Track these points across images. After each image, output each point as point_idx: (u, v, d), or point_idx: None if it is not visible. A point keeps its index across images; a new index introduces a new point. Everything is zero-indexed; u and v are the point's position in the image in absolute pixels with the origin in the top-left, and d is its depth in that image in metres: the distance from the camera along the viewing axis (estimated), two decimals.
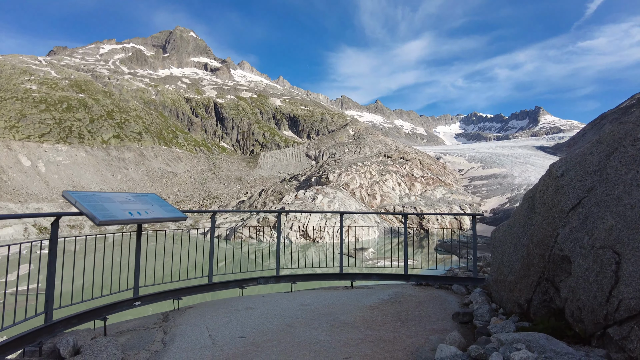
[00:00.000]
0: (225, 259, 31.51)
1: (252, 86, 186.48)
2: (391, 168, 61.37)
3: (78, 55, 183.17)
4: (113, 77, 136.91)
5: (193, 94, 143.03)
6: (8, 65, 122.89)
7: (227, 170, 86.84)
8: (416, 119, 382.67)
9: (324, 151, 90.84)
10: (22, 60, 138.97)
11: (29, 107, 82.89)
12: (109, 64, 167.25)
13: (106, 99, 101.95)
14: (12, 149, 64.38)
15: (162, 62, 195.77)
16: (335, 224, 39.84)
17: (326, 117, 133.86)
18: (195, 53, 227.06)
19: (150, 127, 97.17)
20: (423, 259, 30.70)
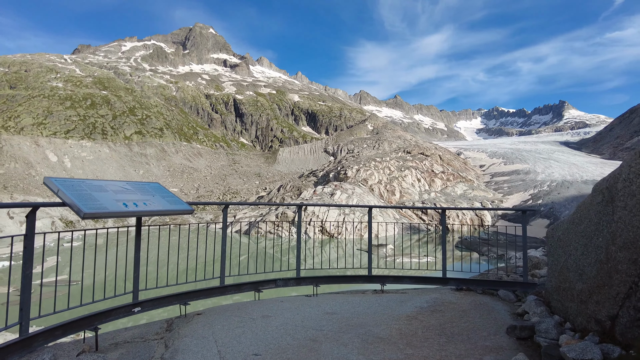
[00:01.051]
0: (239, 256, 31.17)
1: (271, 82, 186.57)
2: (410, 164, 60.21)
3: (101, 53, 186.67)
4: (135, 74, 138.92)
5: (213, 90, 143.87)
6: (36, 64, 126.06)
7: (246, 166, 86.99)
8: (436, 113, 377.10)
9: (343, 147, 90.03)
10: (49, 58, 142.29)
11: (55, 104, 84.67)
12: (131, 61, 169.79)
13: (128, 95, 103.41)
14: (40, 145, 65.77)
15: (182, 58, 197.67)
16: (354, 220, 39.18)
17: (344, 113, 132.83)
18: (214, 49, 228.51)
19: (171, 123, 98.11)
20: (445, 258, 29.84)
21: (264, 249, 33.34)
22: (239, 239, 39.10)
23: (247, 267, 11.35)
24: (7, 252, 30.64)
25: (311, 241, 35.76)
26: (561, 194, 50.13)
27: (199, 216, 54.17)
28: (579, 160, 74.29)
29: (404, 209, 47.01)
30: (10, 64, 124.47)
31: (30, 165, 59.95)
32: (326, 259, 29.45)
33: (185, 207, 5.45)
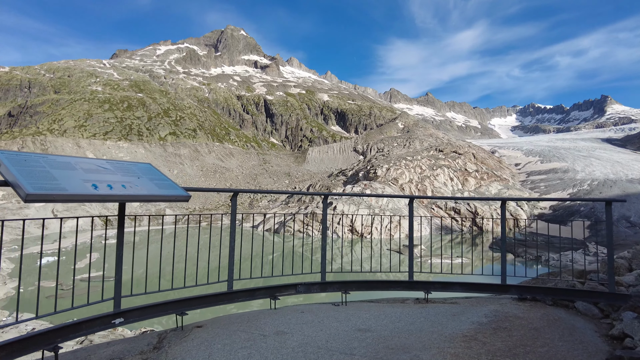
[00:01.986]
0: (262, 255, 31.51)
1: (301, 82, 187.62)
2: (443, 162, 59.11)
3: (137, 57, 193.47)
4: (169, 77, 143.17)
5: (244, 92, 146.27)
6: (77, 69, 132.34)
7: (277, 166, 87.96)
8: (469, 111, 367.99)
9: (372, 146, 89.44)
10: (89, 64, 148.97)
11: (95, 107, 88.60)
12: (165, 64, 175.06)
13: (163, 97, 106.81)
14: (80, 147, 69.00)
15: (215, 61, 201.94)
16: (383, 220, 38.88)
17: (374, 111, 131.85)
18: (245, 51, 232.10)
19: (204, 124, 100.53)
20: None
21: (289, 247, 33.66)
22: (272, 238, 39.64)
23: (262, 268, 9.73)
24: (51, 248, 32.41)
25: (340, 241, 35.80)
26: (603, 194, 47.89)
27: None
28: (623, 157, 70.64)
29: (437, 208, 46.25)
30: (55, 70, 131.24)
31: None
32: (356, 259, 29.42)
33: (179, 193, 4.28)
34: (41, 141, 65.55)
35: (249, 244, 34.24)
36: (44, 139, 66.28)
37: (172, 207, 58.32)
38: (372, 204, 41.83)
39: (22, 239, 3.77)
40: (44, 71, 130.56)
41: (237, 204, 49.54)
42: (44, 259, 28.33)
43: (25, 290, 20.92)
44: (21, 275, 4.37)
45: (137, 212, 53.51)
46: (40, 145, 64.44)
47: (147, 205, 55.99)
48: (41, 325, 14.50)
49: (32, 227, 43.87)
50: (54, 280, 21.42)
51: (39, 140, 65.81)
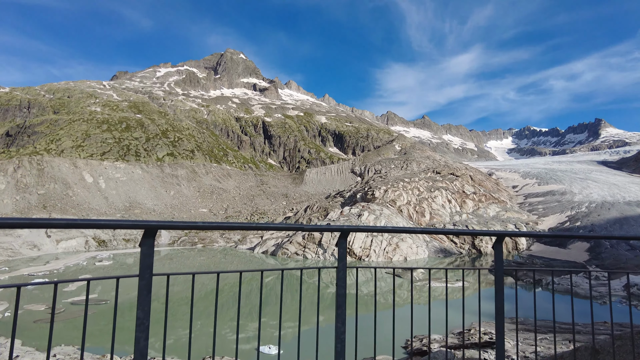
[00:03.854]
0: (256, 288, 31.00)
1: (299, 104, 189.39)
2: (440, 184, 59.05)
3: (137, 79, 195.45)
4: (168, 98, 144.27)
5: (243, 113, 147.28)
6: (77, 90, 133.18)
7: (274, 187, 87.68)
8: (466, 133, 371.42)
9: (370, 167, 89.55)
10: (89, 85, 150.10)
11: (93, 127, 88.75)
12: (165, 86, 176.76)
13: (161, 118, 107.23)
14: (77, 167, 68.71)
15: (214, 83, 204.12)
16: (382, 242, 38.46)
17: (371, 133, 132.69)
18: (244, 74, 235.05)
19: (202, 145, 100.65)
20: None
21: (276, 277, 32.93)
22: (269, 261, 39.04)
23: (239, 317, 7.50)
24: (43, 270, 31.68)
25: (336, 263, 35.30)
26: (602, 216, 47.71)
27: (227, 236, 54.66)
28: (620, 180, 70.87)
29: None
30: (55, 90, 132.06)
31: (68, 186, 62.54)
32: (351, 283, 28.91)
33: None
34: (37, 161, 65.27)
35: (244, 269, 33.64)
36: (40, 159, 66.02)
37: (168, 229, 57.63)
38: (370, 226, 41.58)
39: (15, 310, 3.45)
40: (44, 92, 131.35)
41: None
42: (33, 280, 27.64)
43: (12, 314, 20.31)
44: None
45: (131, 233, 52.89)
46: (37, 165, 64.14)
47: None
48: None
49: (23, 249, 43.11)
50: (44, 303, 20.63)
51: (36, 160, 65.54)
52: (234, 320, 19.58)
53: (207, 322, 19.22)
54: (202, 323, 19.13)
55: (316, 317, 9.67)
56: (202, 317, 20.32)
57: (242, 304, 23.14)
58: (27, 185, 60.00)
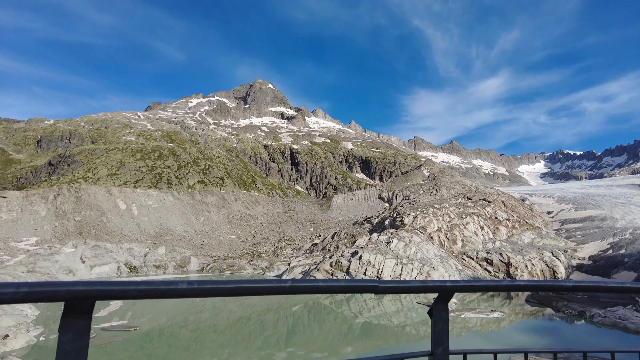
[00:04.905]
0: (279, 318, 30.62)
1: (325, 131, 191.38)
2: (472, 210, 57.51)
3: (170, 109, 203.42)
4: (199, 128, 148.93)
5: (270, 141, 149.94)
6: (114, 121, 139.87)
7: (301, 213, 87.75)
8: (496, 158, 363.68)
9: (398, 193, 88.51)
10: (125, 116, 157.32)
11: (128, 156, 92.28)
12: (196, 116, 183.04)
13: (193, 147, 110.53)
14: (112, 194, 71.15)
15: (243, 112, 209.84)
16: (413, 270, 37.44)
17: (399, 159, 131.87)
18: (272, 103, 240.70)
19: (232, 172, 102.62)
20: (513, 311, 27.26)
21: (309, 305, 32.42)
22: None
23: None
24: None
25: None
26: None
27: (254, 263, 54.65)
28: None
29: (467, 259, 44.37)
30: (94, 122, 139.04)
31: (103, 213, 64.64)
32: (383, 313, 28.01)
33: None
34: (75, 189, 68.03)
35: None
36: (78, 187, 68.81)
37: (198, 256, 58.33)
38: (399, 253, 40.50)
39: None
40: (84, 123, 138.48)
41: (261, 252, 48.78)
42: None
43: (47, 338, 20.64)
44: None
45: (162, 259, 53.74)
46: (75, 193, 66.81)
47: (173, 253, 56.22)
48: None
49: (60, 273, 44.42)
50: None
51: (74, 187, 68.35)
52: (261, 349, 19.24)
53: (236, 350, 18.97)
54: (229, 352, 18.88)
55: (347, 348, 9.32)
56: (230, 346, 20.08)
57: (270, 333, 22.80)
58: (65, 212, 62.43)
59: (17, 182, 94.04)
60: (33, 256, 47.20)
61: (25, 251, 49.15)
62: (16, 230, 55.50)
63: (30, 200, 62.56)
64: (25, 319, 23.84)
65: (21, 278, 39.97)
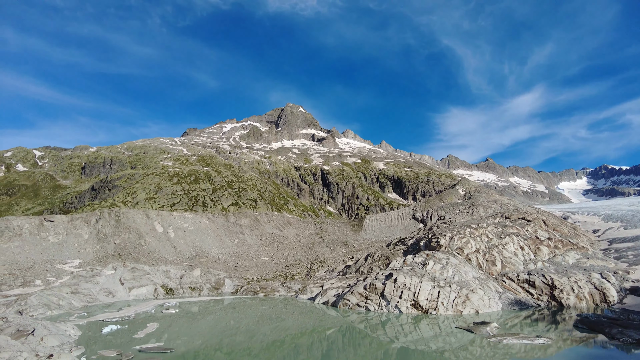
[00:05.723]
0: (318, 341, 29.99)
1: (356, 152, 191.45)
2: (511, 230, 55.34)
3: (205, 135, 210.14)
4: (233, 152, 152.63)
5: (302, 163, 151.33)
6: (152, 147, 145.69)
7: (333, 234, 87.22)
8: (534, 175, 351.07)
9: (432, 213, 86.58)
10: (163, 142, 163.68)
11: (165, 180, 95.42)
12: (230, 140, 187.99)
13: (227, 170, 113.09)
14: (149, 217, 73.37)
15: (275, 136, 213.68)
16: (451, 294, 36.09)
17: (432, 178, 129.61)
18: (303, 126, 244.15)
19: (264, 194, 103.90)
20: (560, 337, 25.58)
21: (344, 330, 31.73)
22: (330, 312, 38.02)
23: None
24: (116, 317, 33.19)
25: (403, 317, 33.44)
26: None
27: (287, 285, 54.41)
28: None
29: (508, 280, 42.42)
30: (133, 148, 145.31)
31: (141, 236, 66.59)
32: (420, 338, 26.98)
33: None
34: (116, 212, 70.66)
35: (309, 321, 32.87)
36: (118, 211, 71.46)
37: (232, 278, 58.77)
38: (436, 275, 39.22)
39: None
40: (124, 149, 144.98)
41: (294, 274, 48.84)
42: (107, 327, 28.92)
43: (88, 358, 21.08)
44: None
45: (197, 281, 54.45)
46: (115, 216, 69.36)
47: (208, 275, 56.91)
48: None
49: (100, 295, 45.78)
50: (116, 350, 21.38)
51: (114, 211, 71.03)
52: None
53: None
54: None
55: None
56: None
57: (304, 357, 22.40)
58: (105, 235, 64.80)
59: (64, 206, 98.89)
60: (76, 278, 48.99)
61: (69, 273, 51.13)
62: (62, 253, 57.98)
63: (74, 224, 65.41)
64: (68, 339, 24.57)
65: (65, 299, 41.50)
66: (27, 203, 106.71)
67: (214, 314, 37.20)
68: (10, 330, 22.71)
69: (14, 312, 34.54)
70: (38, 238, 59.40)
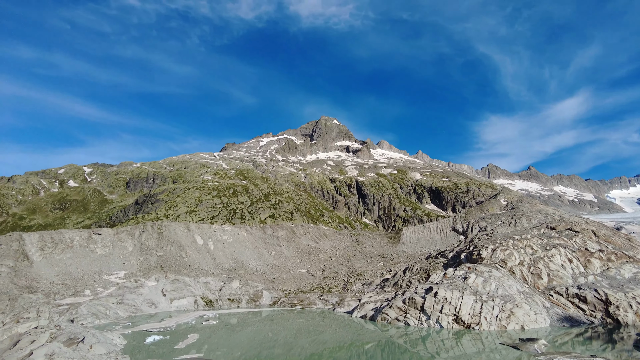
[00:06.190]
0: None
1: (392, 162, 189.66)
2: (557, 241, 52.64)
3: (243, 149, 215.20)
4: (270, 165, 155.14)
5: (337, 175, 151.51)
6: (192, 162, 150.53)
7: (370, 247, 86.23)
8: (581, 183, 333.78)
9: (473, 224, 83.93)
10: (202, 157, 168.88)
11: (205, 194, 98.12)
12: (267, 154, 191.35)
13: (264, 183, 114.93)
14: (190, 230, 75.47)
15: (310, 148, 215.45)
16: (494, 308, 34.60)
17: (472, 188, 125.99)
18: (338, 138, 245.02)
19: (300, 206, 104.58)
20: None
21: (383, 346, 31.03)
22: (367, 326, 37.42)
23: None
24: (158, 327, 34.11)
25: (444, 332, 32.35)
26: None
27: (324, 298, 54.10)
28: None
29: (556, 295, 40.22)
30: (175, 163, 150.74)
31: (182, 248, 68.51)
32: (462, 354, 25.91)
33: None
34: (158, 225, 73.17)
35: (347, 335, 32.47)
36: (160, 224, 73.97)
37: (270, 290, 59.17)
38: (478, 289, 37.78)
39: None
40: (166, 164, 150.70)
41: (331, 287, 48.58)
42: (150, 337, 29.75)
43: None
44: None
45: (236, 293, 55.19)
46: (157, 229, 71.82)
47: (246, 287, 57.58)
48: None
49: (144, 306, 47.29)
50: (159, 359, 21.89)
51: (157, 224, 73.57)
52: None
53: None
54: None
55: None
56: None
57: None
58: (149, 247, 67.14)
59: (110, 220, 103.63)
60: (122, 289, 50.95)
61: (115, 284, 53.25)
62: (108, 264, 60.56)
63: (119, 237, 68.28)
64: (114, 348, 25.45)
65: (112, 309, 43.17)
66: (78, 217, 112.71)
67: (253, 326, 37.47)
68: (63, 338, 23.81)
69: (66, 321, 36.28)
70: (87, 250, 62.39)
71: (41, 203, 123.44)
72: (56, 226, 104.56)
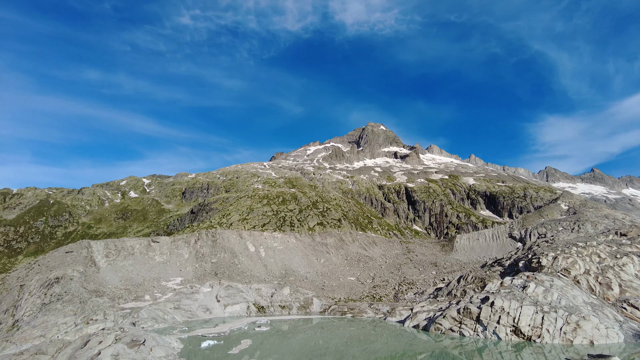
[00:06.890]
0: None
1: (442, 168, 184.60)
2: (629, 249, 48.52)
3: (291, 158, 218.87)
4: (317, 173, 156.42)
5: (385, 181, 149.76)
6: (243, 171, 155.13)
7: (421, 255, 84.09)
8: None
9: (531, 231, 79.48)
10: (253, 166, 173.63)
11: (256, 202, 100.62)
12: (314, 162, 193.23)
13: (312, 191, 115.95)
14: (242, 237, 77.56)
15: (357, 155, 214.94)
16: (557, 320, 32.37)
17: (529, 192, 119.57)
18: (385, 144, 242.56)
19: (348, 214, 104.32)
20: None
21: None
22: (420, 336, 36.41)
23: None
24: (213, 332, 35.19)
25: (502, 343, 30.74)
26: None
27: (375, 307, 53.32)
28: None
29: (630, 307, 36.97)
30: (227, 173, 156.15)
31: (235, 255, 70.47)
32: None
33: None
34: (212, 233, 75.87)
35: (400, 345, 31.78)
36: (214, 232, 76.65)
37: (320, 297, 59.28)
38: (538, 299, 35.56)
39: None
40: (219, 175, 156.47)
41: (382, 296, 47.79)
42: (205, 342, 30.72)
43: None
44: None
45: (286, 300, 55.79)
46: (211, 237, 74.46)
47: (297, 294, 58.06)
48: None
49: (199, 311, 49.03)
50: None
51: (211, 232, 76.32)
52: None
53: None
54: None
55: None
56: None
57: None
58: (203, 254, 69.72)
59: (167, 228, 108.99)
60: (178, 294, 53.20)
61: (172, 290, 55.72)
62: (166, 271, 63.54)
63: (176, 245, 71.50)
64: (172, 351, 26.54)
65: (169, 314, 45.15)
66: (138, 225, 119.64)
67: (304, 333, 37.63)
68: (126, 340, 25.22)
69: (129, 324, 38.45)
70: (146, 257, 65.87)
71: (106, 213, 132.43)
72: (119, 234, 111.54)
